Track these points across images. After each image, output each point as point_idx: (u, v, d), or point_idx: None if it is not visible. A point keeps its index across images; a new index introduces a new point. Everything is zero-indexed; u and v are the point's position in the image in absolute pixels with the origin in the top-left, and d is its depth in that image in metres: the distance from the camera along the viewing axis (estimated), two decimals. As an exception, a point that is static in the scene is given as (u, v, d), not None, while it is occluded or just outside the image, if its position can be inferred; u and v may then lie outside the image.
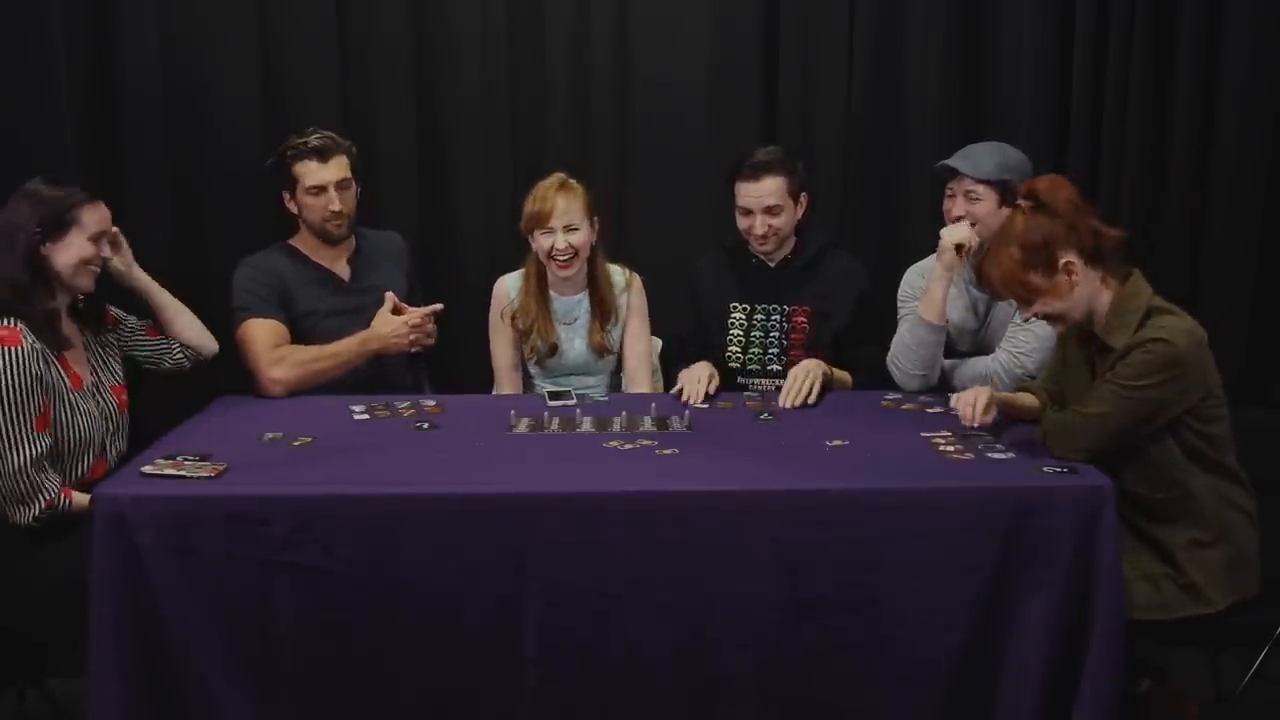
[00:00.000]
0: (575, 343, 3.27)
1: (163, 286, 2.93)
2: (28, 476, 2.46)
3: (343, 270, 3.32)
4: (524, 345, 3.27)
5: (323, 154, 3.20)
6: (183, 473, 2.41)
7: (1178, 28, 3.60)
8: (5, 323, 2.50)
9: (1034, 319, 2.94)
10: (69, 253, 2.61)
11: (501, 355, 3.33)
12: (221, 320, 3.15)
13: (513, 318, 3.27)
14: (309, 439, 2.66)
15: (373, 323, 3.16)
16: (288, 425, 2.75)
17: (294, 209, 3.27)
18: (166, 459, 2.48)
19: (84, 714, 2.30)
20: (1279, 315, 3.70)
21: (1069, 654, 2.34)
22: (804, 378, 3.01)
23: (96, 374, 2.71)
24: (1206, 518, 2.46)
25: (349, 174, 3.24)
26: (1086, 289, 2.49)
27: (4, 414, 2.45)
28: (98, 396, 2.68)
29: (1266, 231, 3.66)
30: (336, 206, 3.21)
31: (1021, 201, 2.52)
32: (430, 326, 3.19)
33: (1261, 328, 3.66)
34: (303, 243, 3.31)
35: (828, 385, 3.09)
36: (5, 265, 2.55)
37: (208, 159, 3.67)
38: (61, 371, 2.59)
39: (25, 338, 2.48)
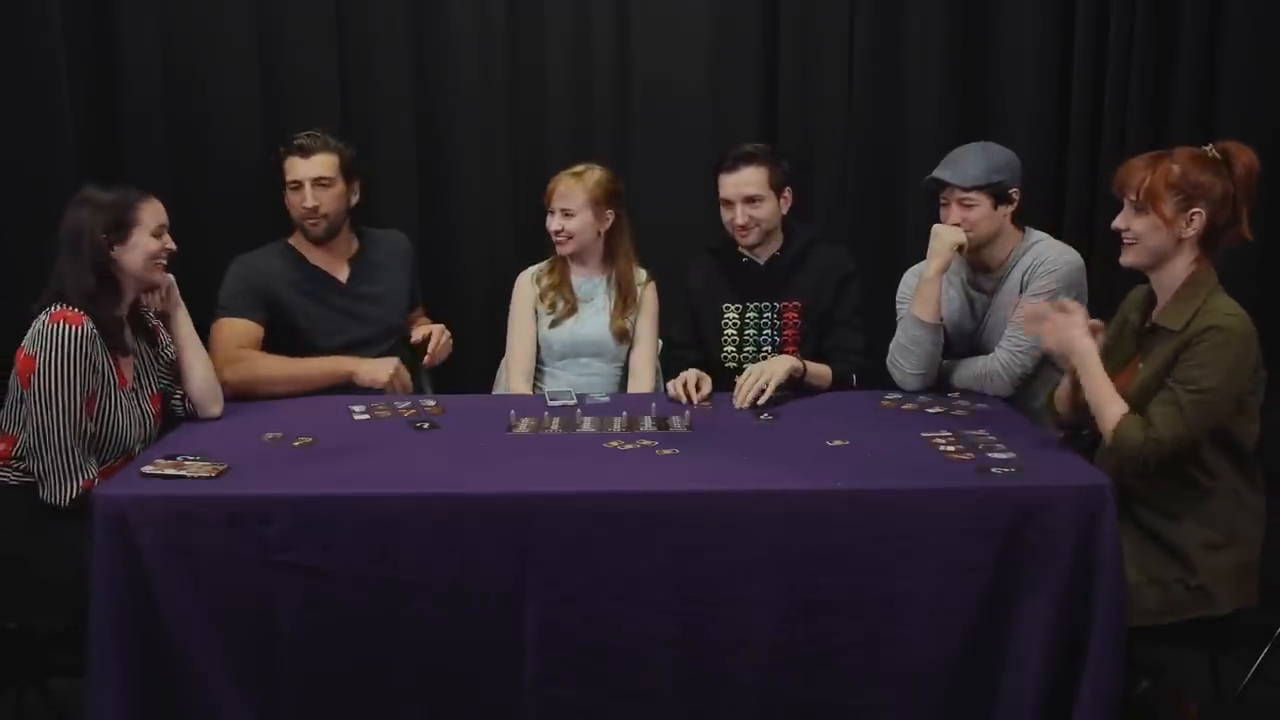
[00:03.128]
0: (590, 321, 3.31)
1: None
2: (76, 453, 2.47)
3: (341, 271, 3.30)
4: (542, 305, 3.31)
5: (305, 150, 3.20)
6: (183, 472, 2.41)
7: (1178, 28, 3.60)
8: (71, 308, 2.53)
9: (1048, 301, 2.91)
10: (136, 252, 2.64)
11: (520, 342, 3.32)
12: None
13: (538, 279, 3.35)
14: (309, 439, 2.66)
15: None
16: (288, 425, 2.75)
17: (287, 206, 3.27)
18: (166, 459, 2.48)
19: (84, 714, 2.30)
20: (1279, 315, 3.70)
21: (1069, 654, 2.33)
22: (757, 376, 2.99)
23: (138, 379, 2.72)
24: (1220, 520, 2.45)
25: (332, 173, 3.20)
26: (1180, 248, 2.49)
27: (62, 387, 2.46)
28: (137, 400, 2.69)
29: (1266, 232, 3.65)
30: (310, 203, 3.19)
31: (1213, 146, 2.52)
32: (405, 382, 3.18)
33: (1261, 327, 3.65)
34: (301, 242, 3.30)
35: (798, 380, 3.08)
36: (74, 273, 2.57)
37: (208, 159, 3.67)
38: (112, 366, 2.61)
39: (87, 322, 2.52)
